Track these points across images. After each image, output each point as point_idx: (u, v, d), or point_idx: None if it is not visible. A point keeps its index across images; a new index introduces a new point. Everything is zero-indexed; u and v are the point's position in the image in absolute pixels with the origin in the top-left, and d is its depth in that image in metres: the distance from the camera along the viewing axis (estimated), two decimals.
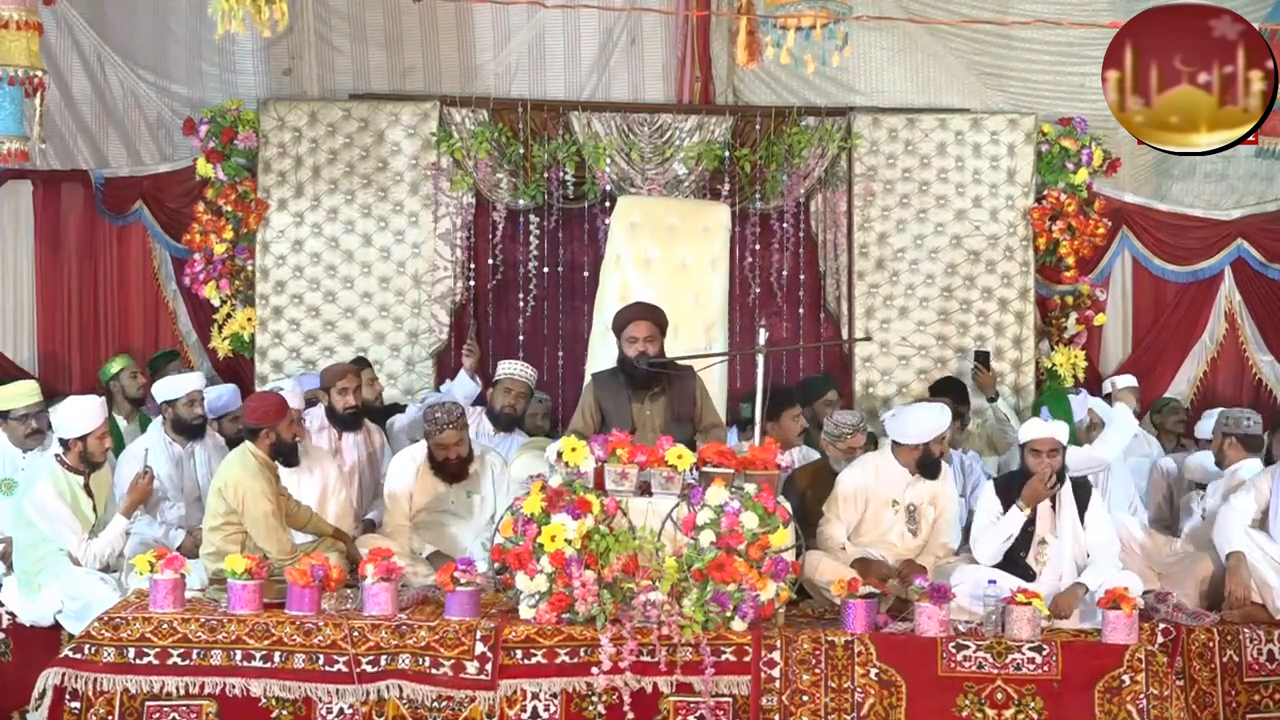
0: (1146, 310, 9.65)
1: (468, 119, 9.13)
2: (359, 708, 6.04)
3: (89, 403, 7.07)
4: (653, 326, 6.94)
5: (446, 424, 7.22)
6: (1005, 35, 9.17)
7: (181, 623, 6.17)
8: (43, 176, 9.24)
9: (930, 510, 7.19)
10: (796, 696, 6.06)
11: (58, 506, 6.89)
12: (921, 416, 7.17)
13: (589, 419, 6.95)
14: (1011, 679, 6.06)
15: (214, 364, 9.24)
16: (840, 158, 9.23)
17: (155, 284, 9.45)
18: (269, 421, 6.74)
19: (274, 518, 6.65)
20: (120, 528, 6.99)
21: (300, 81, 9.24)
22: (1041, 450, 6.81)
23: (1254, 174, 9.57)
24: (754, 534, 6.19)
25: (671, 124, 9.17)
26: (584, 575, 6.11)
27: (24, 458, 7.66)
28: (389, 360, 9.12)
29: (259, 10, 6.41)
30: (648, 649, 6.03)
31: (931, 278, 9.23)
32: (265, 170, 9.08)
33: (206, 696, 6.08)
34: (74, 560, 6.91)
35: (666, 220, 8.12)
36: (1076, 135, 9.18)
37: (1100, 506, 6.91)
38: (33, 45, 7.08)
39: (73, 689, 6.06)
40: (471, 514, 7.40)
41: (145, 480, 7.09)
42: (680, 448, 6.37)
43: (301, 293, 9.11)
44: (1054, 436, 6.82)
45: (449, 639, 6.11)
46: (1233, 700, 6.51)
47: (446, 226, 9.16)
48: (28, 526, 6.94)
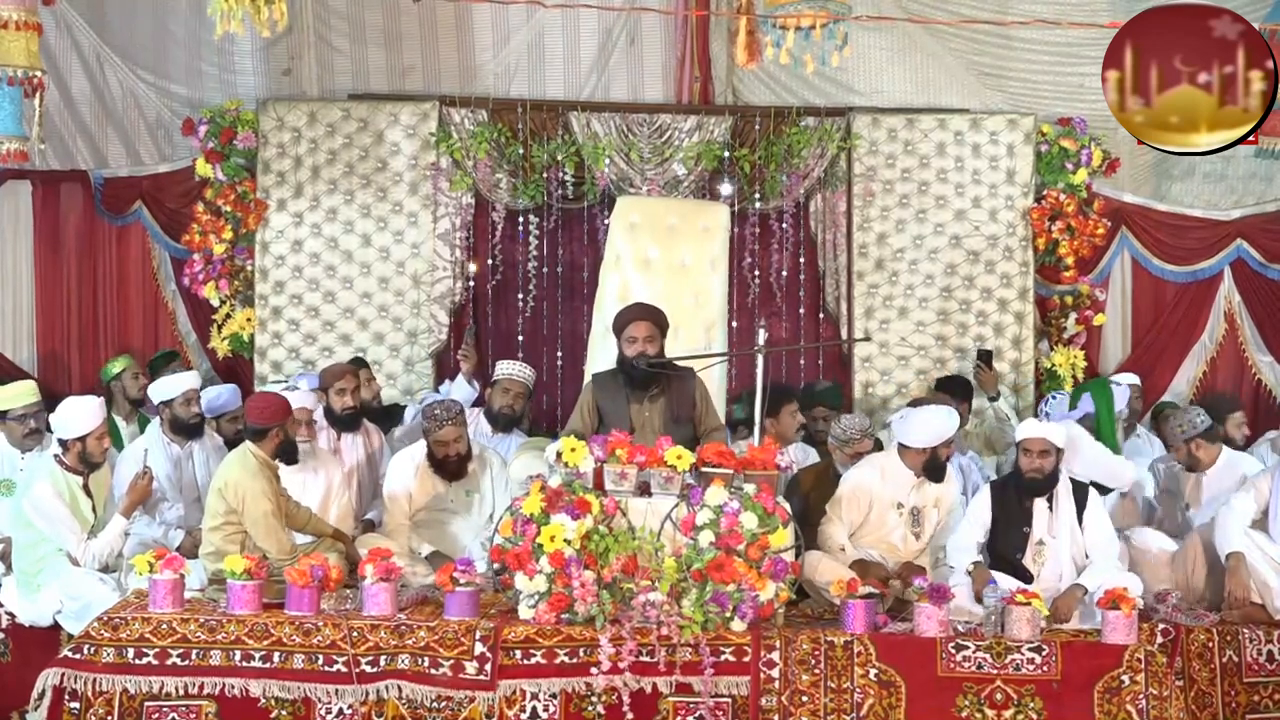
0: (1146, 310, 9.65)
1: (467, 119, 9.12)
2: (358, 708, 6.04)
3: (88, 403, 7.07)
4: (652, 327, 6.94)
5: (445, 420, 7.22)
6: (1005, 35, 9.17)
7: (181, 623, 6.17)
8: (42, 177, 9.23)
9: (934, 513, 7.19)
10: (796, 697, 6.06)
11: (56, 507, 6.88)
12: (930, 420, 7.15)
13: (587, 419, 6.95)
14: (1011, 679, 6.06)
15: (213, 364, 9.23)
16: (840, 158, 9.22)
17: (154, 284, 9.43)
18: (276, 421, 6.74)
19: (274, 518, 6.64)
20: (119, 528, 6.99)
21: (299, 82, 9.24)
22: (1032, 450, 6.82)
23: (1253, 174, 9.56)
24: (753, 534, 6.19)
25: (671, 124, 9.17)
26: (583, 575, 6.11)
27: (22, 458, 7.66)
28: (388, 360, 9.11)
29: (258, 10, 6.41)
30: (647, 649, 6.03)
31: (931, 278, 9.22)
32: (264, 170, 9.07)
33: (206, 697, 6.08)
34: (73, 560, 6.91)
35: (666, 220, 8.12)
36: (1076, 135, 9.17)
37: (1099, 508, 6.91)
38: (32, 45, 7.07)
39: (72, 689, 6.06)
40: (471, 513, 7.40)
41: (144, 481, 7.09)
42: (679, 448, 6.37)
43: (301, 293, 9.11)
44: (1045, 437, 6.81)
45: (448, 639, 6.11)
46: (1232, 700, 6.51)
47: (446, 227, 9.16)
48: (27, 527, 6.94)
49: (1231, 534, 6.89)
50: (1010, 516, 6.86)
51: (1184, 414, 7.84)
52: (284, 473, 6.88)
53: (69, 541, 6.91)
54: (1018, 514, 6.86)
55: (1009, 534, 6.86)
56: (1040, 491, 6.84)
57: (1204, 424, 7.63)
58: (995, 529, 6.89)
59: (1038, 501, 6.86)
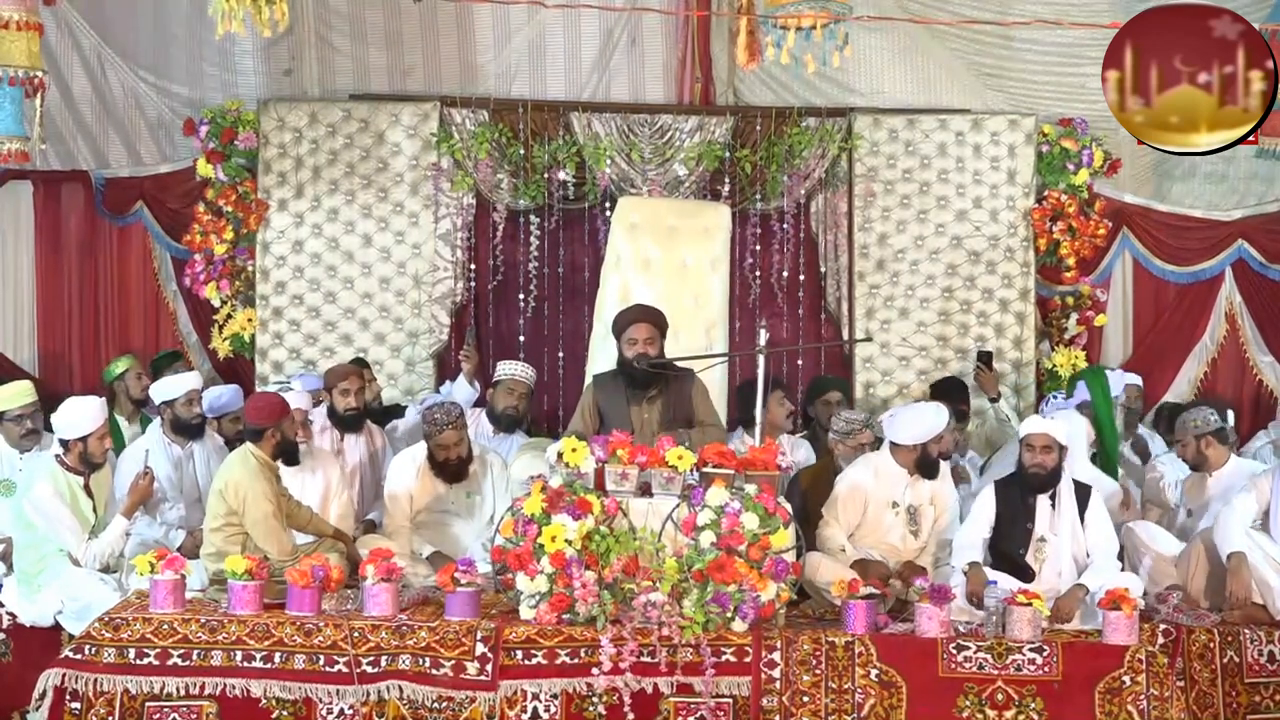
0: (1147, 311, 9.65)
1: (468, 119, 9.12)
2: (359, 708, 6.04)
3: (89, 403, 7.07)
4: (652, 328, 6.94)
5: (446, 424, 7.22)
6: (1005, 36, 9.17)
7: (182, 623, 6.17)
8: (43, 177, 9.23)
9: (931, 510, 7.20)
10: (797, 697, 6.06)
11: (57, 507, 6.88)
12: (919, 417, 7.18)
13: (588, 420, 6.96)
14: (1012, 680, 6.06)
15: (214, 365, 9.23)
16: (840, 158, 9.22)
17: (155, 284, 9.44)
18: (273, 421, 6.73)
19: (275, 518, 6.64)
20: (121, 528, 6.99)
21: (300, 82, 9.24)
22: (1035, 445, 6.82)
23: (1254, 175, 9.56)
24: (754, 535, 6.19)
25: (672, 125, 9.17)
26: (584, 576, 6.11)
27: (21, 458, 7.66)
28: (389, 361, 9.11)
29: (259, 10, 6.41)
30: (648, 650, 6.03)
31: (932, 278, 9.22)
32: (265, 171, 9.07)
33: (207, 697, 6.08)
34: (74, 561, 6.91)
35: (667, 221, 8.13)
36: (1077, 136, 9.17)
37: (1101, 507, 6.91)
38: (33, 46, 7.07)
39: (73, 689, 6.06)
40: (472, 514, 7.41)
41: (145, 481, 7.09)
42: (680, 449, 6.37)
43: (302, 293, 9.11)
44: (1048, 433, 6.82)
45: (449, 640, 6.11)
46: (1233, 701, 6.50)
47: (447, 227, 9.16)
48: (28, 527, 6.94)
49: (1233, 534, 6.88)
50: (1013, 513, 6.87)
51: (1199, 410, 7.76)
52: (283, 473, 6.88)
53: (69, 542, 6.91)
54: (1021, 511, 6.86)
55: (1012, 530, 6.86)
56: (1043, 488, 6.84)
57: (1217, 423, 7.59)
58: (999, 526, 6.89)
59: (1040, 499, 6.86)
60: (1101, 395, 8.03)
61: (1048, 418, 7.01)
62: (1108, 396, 8.00)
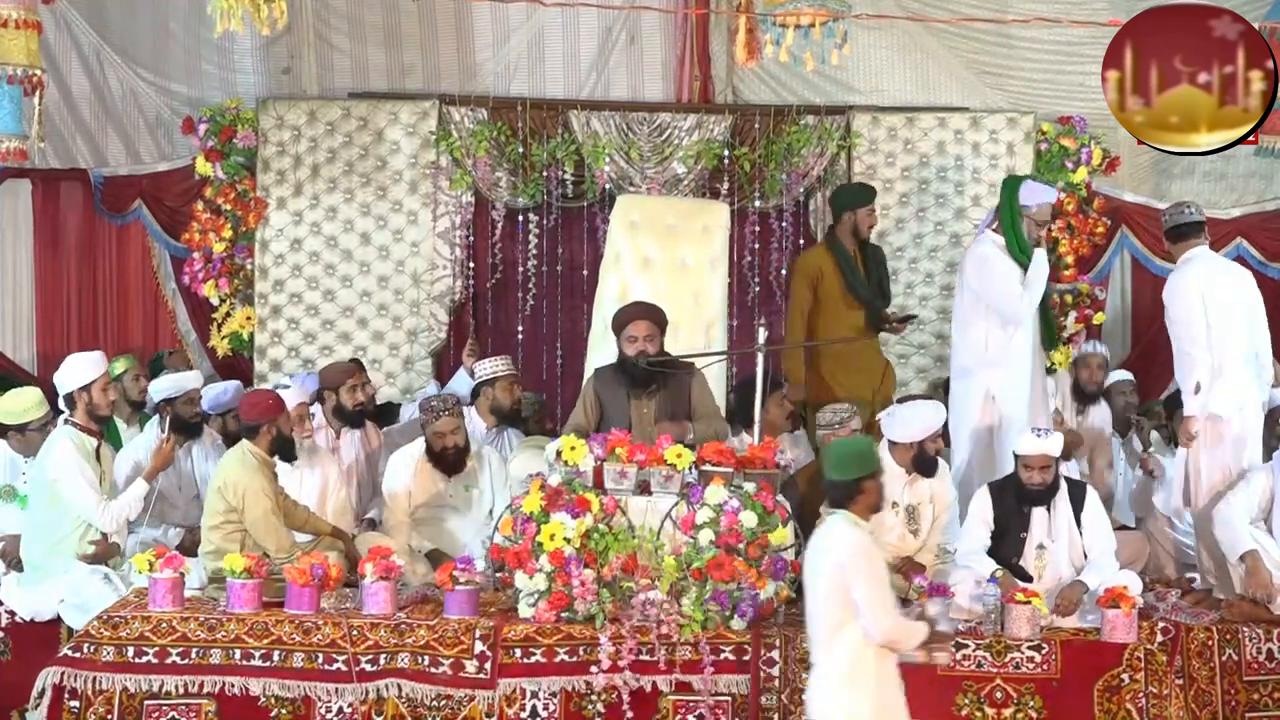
0: (1146, 309, 9.61)
1: (467, 118, 9.12)
2: (358, 706, 6.05)
3: (89, 355, 7.15)
4: (652, 325, 6.94)
5: (443, 411, 7.22)
6: (1004, 34, 9.16)
7: (180, 621, 6.18)
8: (42, 175, 9.23)
9: (929, 509, 7.18)
10: (796, 695, 6.06)
11: (79, 462, 6.86)
12: (915, 414, 7.14)
13: (589, 413, 6.97)
14: (1011, 678, 6.07)
15: (213, 363, 9.23)
16: (839, 156, 9.23)
17: (154, 283, 9.43)
18: (267, 418, 6.74)
19: (274, 516, 6.65)
20: (140, 491, 6.99)
21: (299, 80, 9.24)
22: (1033, 466, 6.71)
23: (1253, 173, 9.56)
24: (753, 532, 6.19)
25: (671, 123, 9.17)
26: (583, 574, 6.11)
27: (26, 463, 7.63)
28: (387, 359, 9.11)
29: (258, 9, 6.42)
30: (647, 648, 6.04)
31: (931, 276, 9.23)
32: (264, 169, 9.07)
33: (205, 695, 6.09)
34: (84, 555, 6.86)
35: (666, 219, 8.11)
36: (1076, 134, 9.17)
37: (1097, 507, 6.88)
38: (32, 44, 7.07)
39: (72, 688, 6.07)
40: (470, 509, 7.41)
41: (169, 445, 7.13)
42: (679, 447, 6.37)
43: (300, 291, 9.11)
44: (1045, 453, 6.72)
45: (448, 638, 6.12)
46: (1232, 699, 6.50)
47: (445, 225, 9.16)
48: (50, 504, 6.88)
49: (1240, 533, 6.85)
50: (1009, 521, 6.81)
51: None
52: (280, 470, 6.88)
53: (89, 499, 6.84)
54: (1016, 519, 6.81)
55: (1007, 538, 6.80)
56: (1042, 500, 6.78)
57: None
58: (995, 532, 6.84)
59: (1036, 508, 6.82)
60: (1009, 200, 7.52)
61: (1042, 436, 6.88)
62: (1014, 201, 7.47)
